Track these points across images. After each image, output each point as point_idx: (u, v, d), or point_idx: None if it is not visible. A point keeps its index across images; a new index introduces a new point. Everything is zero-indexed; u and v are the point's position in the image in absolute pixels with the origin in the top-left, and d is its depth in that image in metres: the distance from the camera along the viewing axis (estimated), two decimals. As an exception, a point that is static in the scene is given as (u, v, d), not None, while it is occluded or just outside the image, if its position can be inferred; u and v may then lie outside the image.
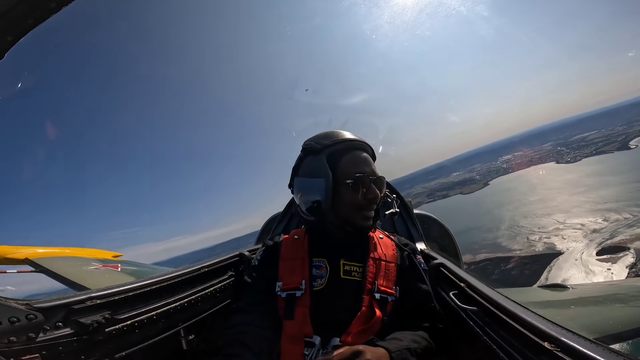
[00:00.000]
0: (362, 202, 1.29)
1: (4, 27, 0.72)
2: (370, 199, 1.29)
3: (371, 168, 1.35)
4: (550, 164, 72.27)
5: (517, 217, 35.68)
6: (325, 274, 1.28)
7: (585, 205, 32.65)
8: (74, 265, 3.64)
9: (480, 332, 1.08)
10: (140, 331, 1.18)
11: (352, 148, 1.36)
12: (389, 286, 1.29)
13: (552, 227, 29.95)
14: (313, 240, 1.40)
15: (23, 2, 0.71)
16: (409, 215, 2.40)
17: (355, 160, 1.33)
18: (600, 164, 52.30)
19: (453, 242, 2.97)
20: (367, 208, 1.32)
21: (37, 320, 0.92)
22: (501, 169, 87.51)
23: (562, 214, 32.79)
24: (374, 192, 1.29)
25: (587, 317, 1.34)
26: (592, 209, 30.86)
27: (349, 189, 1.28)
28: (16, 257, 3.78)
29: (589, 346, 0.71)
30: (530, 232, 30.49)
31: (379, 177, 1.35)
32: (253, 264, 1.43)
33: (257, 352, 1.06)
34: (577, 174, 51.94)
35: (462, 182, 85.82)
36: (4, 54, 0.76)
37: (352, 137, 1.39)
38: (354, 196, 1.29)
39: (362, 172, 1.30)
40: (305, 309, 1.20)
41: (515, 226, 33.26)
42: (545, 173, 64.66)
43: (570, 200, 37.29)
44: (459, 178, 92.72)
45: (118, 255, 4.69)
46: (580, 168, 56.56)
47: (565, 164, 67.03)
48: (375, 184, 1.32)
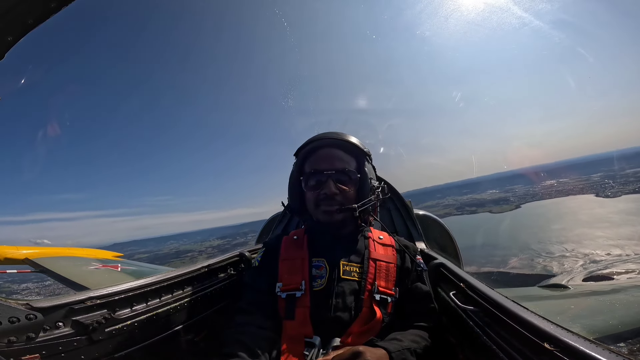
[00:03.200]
0: (318, 197, 1.34)
1: (4, 27, 0.72)
2: (324, 194, 1.32)
3: (331, 163, 1.36)
4: (589, 196, 73.30)
5: (531, 241, 38.16)
6: (325, 274, 1.28)
7: (598, 240, 34.88)
8: (74, 265, 3.64)
9: (480, 332, 1.08)
10: (140, 331, 1.18)
11: (319, 147, 1.42)
12: (388, 287, 1.30)
13: (559, 253, 32.42)
14: (312, 240, 1.41)
15: (23, 2, 0.71)
16: (409, 215, 2.39)
17: (315, 158, 1.41)
18: (637, 203, 53.88)
19: (453, 243, 2.96)
20: (325, 204, 1.33)
21: (37, 320, 0.92)
22: (539, 194, 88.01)
23: (573, 243, 35.35)
24: (326, 187, 1.32)
25: (587, 317, 1.34)
26: (603, 243, 33.07)
27: (306, 186, 1.40)
28: (16, 257, 3.78)
29: (589, 346, 0.71)
30: (537, 255, 32.94)
31: (339, 171, 1.35)
32: (254, 265, 1.44)
33: (257, 352, 1.06)
34: (609, 209, 53.95)
35: (495, 200, 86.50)
36: (4, 54, 0.76)
37: (326, 136, 1.44)
38: (310, 193, 1.38)
39: (316, 168, 1.36)
40: (305, 309, 1.20)
41: (527, 248, 35.77)
42: (579, 204, 66.11)
43: (587, 232, 39.51)
44: (493, 196, 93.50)
45: (118, 255, 4.69)
46: (615, 204, 58.11)
47: (604, 197, 67.65)
48: (333, 179, 1.33)
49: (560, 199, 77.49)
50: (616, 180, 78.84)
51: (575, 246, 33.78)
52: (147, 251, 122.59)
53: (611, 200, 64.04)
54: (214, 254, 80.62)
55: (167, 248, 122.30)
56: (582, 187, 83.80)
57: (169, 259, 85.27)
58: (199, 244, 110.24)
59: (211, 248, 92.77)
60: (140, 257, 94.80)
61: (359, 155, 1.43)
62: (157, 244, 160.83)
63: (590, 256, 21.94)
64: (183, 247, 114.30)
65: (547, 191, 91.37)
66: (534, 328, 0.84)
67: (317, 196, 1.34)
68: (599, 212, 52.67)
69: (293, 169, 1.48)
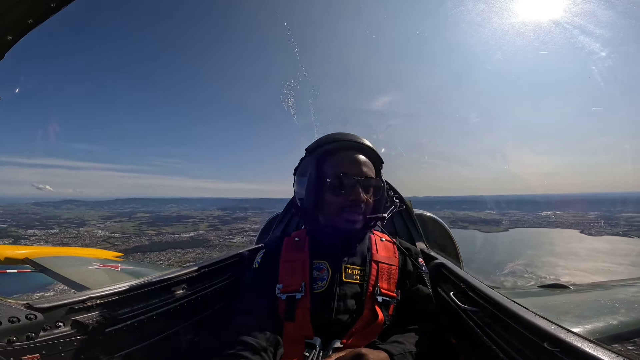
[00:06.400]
0: (344, 204, 1.27)
1: (4, 27, 0.72)
2: (352, 201, 1.26)
3: (359, 169, 1.30)
4: (574, 231, 77.59)
5: (503, 260, 43.40)
6: (326, 276, 1.27)
7: (557, 268, 41.29)
8: (74, 265, 3.64)
9: (480, 332, 1.08)
10: (140, 331, 1.18)
11: (344, 148, 1.35)
12: (390, 289, 1.29)
13: (519, 273, 37.38)
14: (314, 241, 1.39)
15: (23, 2, 0.71)
16: (409, 215, 2.39)
17: (341, 160, 1.32)
18: (612, 245, 58.73)
19: (453, 243, 2.95)
20: (349, 210, 1.27)
21: (37, 320, 0.92)
22: (531, 222, 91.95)
23: (535, 267, 41.24)
24: (355, 194, 1.25)
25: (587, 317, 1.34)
26: (559, 271, 39.54)
27: (330, 190, 1.28)
28: (16, 257, 3.78)
29: (589, 346, 0.71)
30: (500, 271, 37.65)
31: (368, 178, 1.30)
32: (254, 267, 1.43)
33: (260, 352, 1.06)
34: (584, 245, 59.13)
35: (488, 221, 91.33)
36: (4, 54, 0.76)
37: (347, 138, 1.37)
38: (334, 197, 1.28)
39: (344, 172, 1.27)
40: (305, 310, 1.20)
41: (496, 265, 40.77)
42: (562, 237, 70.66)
43: (552, 261, 45.52)
44: (488, 217, 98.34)
45: (118, 255, 4.69)
46: (593, 242, 62.53)
47: (587, 235, 71.53)
48: (362, 185, 1.28)
49: (547, 230, 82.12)
50: (608, 221, 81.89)
51: (535, 270, 39.26)
52: (148, 211, 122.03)
53: (592, 238, 68.03)
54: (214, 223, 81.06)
55: (168, 211, 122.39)
56: (573, 222, 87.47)
57: (171, 222, 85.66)
58: (199, 212, 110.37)
59: (212, 217, 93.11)
60: (142, 217, 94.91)
61: (376, 161, 1.40)
62: (158, 205, 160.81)
63: (542, 279, 25.01)
64: (184, 212, 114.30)
65: (539, 220, 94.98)
66: (534, 328, 0.84)
67: (343, 202, 1.27)
68: (574, 246, 57.98)
69: (310, 169, 1.33)
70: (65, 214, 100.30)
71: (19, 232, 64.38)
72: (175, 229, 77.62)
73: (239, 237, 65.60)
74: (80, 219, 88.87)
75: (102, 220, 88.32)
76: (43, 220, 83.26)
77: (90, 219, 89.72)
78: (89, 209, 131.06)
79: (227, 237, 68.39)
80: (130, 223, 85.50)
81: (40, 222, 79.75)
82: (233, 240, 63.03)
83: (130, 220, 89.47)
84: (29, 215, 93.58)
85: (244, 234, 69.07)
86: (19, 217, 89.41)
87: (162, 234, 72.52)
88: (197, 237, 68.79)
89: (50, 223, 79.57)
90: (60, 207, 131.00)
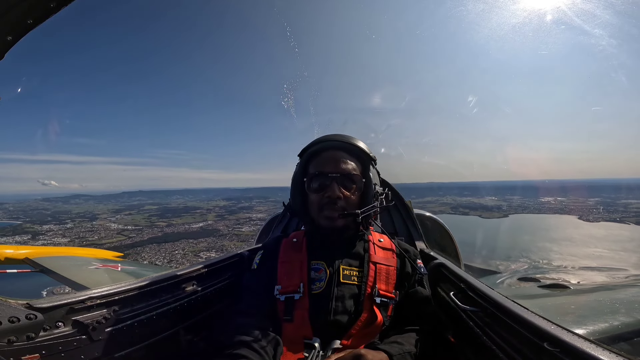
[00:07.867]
0: (322, 202, 1.31)
1: (4, 27, 0.72)
2: (327, 197, 1.29)
3: (336, 166, 1.33)
4: (572, 217, 77.64)
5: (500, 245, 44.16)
6: (324, 277, 1.28)
7: (551, 253, 41.72)
8: (74, 265, 3.64)
9: (480, 332, 1.08)
10: (140, 331, 1.18)
11: (327, 148, 1.40)
12: (389, 290, 1.29)
13: (514, 257, 37.46)
14: (311, 242, 1.40)
15: (23, 2, 0.71)
16: (409, 215, 2.39)
17: (321, 160, 1.37)
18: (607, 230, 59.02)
19: (453, 243, 2.96)
20: (327, 208, 1.31)
21: (37, 320, 0.92)
22: (531, 208, 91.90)
23: (530, 252, 41.45)
24: (330, 191, 1.29)
25: (587, 317, 1.34)
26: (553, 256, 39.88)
27: (309, 189, 1.36)
28: (16, 257, 3.78)
29: (589, 346, 0.71)
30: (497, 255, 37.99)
31: (345, 175, 1.32)
32: (253, 267, 1.43)
33: (261, 352, 1.06)
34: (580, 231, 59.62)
35: (489, 207, 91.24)
36: (4, 54, 0.76)
37: (332, 138, 1.41)
38: (314, 196, 1.35)
39: (321, 170, 1.33)
40: (304, 311, 1.20)
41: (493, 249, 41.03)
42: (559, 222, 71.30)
43: (547, 246, 46.32)
44: (490, 202, 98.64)
45: (118, 255, 4.69)
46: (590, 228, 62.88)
47: (584, 221, 71.46)
48: (338, 182, 1.30)
49: (546, 216, 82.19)
50: (607, 207, 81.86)
51: (530, 254, 39.53)
52: (155, 203, 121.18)
53: (589, 224, 68.06)
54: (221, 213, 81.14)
55: (174, 202, 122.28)
56: (572, 208, 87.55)
57: (179, 213, 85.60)
58: (205, 202, 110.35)
59: (218, 208, 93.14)
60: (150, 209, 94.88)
61: (364, 159, 1.41)
62: (163, 197, 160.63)
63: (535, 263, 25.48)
64: (190, 203, 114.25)
65: (539, 206, 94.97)
66: (534, 328, 0.84)
67: (321, 199, 1.32)
68: (570, 232, 58.51)
69: (296, 169, 1.46)
70: (75, 209, 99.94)
71: (35, 227, 64.24)
72: (185, 220, 77.54)
73: (247, 227, 65.50)
74: (91, 212, 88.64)
75: (112, 214, 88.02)
76: (55, 216, 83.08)
77: (100, 212, 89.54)
78: (98, 202, 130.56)
79: (235, 226, 68.31)
80: (140, 215, 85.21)
81: (53, 217, 79.57)
82: (242, 229, 63.04)
83: (139, 213, 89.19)
84: (40, 211, 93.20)
85: (251, 223, 68.93)
86: (31, 214, 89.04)
87: (172, 225, 72.41)
88: (206, 227, 68.77)
89: (62, 218, 79.36)
90: (69, 202, 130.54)
